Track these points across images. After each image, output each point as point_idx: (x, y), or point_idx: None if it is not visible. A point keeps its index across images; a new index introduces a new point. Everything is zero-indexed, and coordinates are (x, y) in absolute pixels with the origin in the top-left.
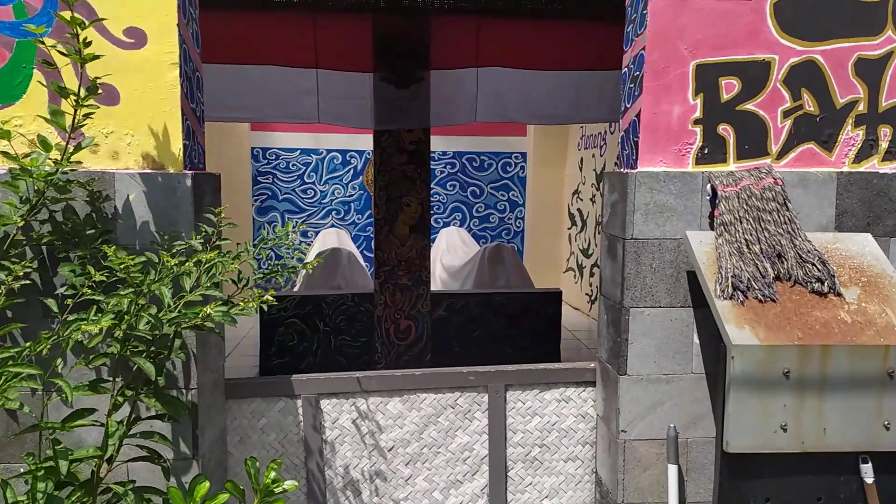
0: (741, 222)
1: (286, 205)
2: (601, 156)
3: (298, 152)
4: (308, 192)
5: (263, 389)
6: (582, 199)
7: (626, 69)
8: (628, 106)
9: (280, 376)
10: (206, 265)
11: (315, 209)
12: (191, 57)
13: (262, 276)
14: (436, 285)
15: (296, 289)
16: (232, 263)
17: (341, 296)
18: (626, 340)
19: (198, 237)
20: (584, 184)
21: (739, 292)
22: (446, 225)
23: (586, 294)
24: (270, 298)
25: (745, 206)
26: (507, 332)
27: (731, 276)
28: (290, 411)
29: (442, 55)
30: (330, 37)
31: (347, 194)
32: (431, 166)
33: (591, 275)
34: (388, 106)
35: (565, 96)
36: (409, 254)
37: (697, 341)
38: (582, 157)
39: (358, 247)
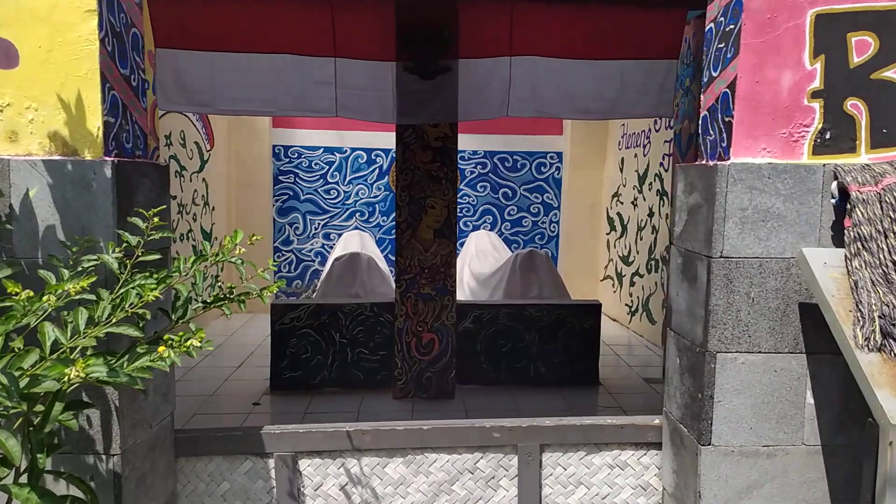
0: (886, 237)
1: (308, 205)
2: (644, 155)
3: (321, 150)
4: (331, 192)
5: (225, 445)
6: (622, 203)
7: (711, 24)
8: (715, 74)
9: (247, 428)
10: (118, 292)
11: (338, 210)
12: (122, 6)
13: (203, 305)
14: (463, 293)
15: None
16: (154, 289)
17: (359, 305)
18: (711, 398)
19: (116, 250)
20: (624, 186)
21: (892, 340)
22: (476, 228)
23: (626, 305)
24: (197, 343)
25: (891, 213)
26: (540, 348)
27: (879, 317)
28: (259, 474)
29: (471, 43)
30: (349, 22)
31: (372, 195)
32: (461, 166)
33: (632, 284)
34: (411, 98)
35: (607, 89)
36: (432, 260)
37: (812, 401)
38: (623, 158)
39: (382, 251)
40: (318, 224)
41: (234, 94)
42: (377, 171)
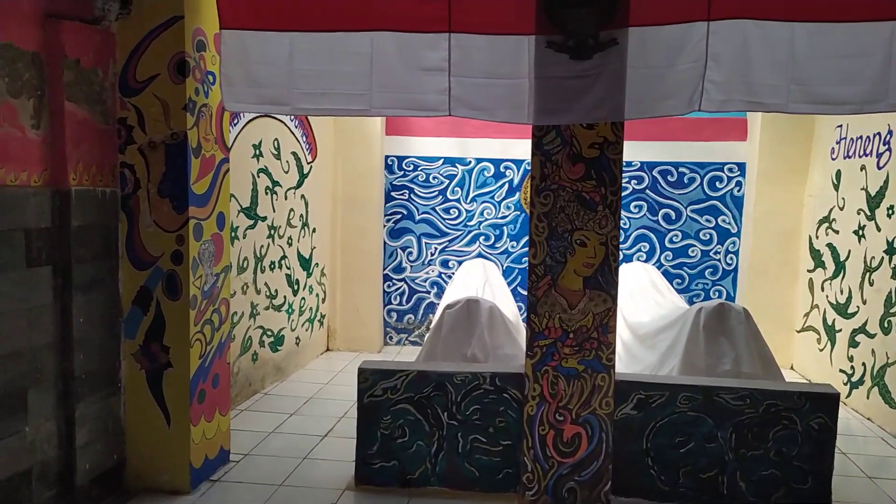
0: None
1: (424, 227)
2: (879, 167)
3: (441, 162)
4: (451, 211)
5: None
6: (837, 231)
7: None
8: None
9: None
10: None
11: (459, 233)
12: None
13: None
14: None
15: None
16: None
17: (475, 375)
18: None
19: None
20: (841, 209)
21: None
22: (627, 260)
23: (841, 371)
24: None
25: None
26: (740, 453)
27: None
28: None
29: (648, 3)
30: None
31: (499, 215)
32: None
33: (853, 344)
34: (557, 88)
35: (866, 65)
36: (581, 321)
37: None
38: (839, 170)
39: (509, 283)
40: (435, 249)
41: (316, 88)
42: (506, 186)
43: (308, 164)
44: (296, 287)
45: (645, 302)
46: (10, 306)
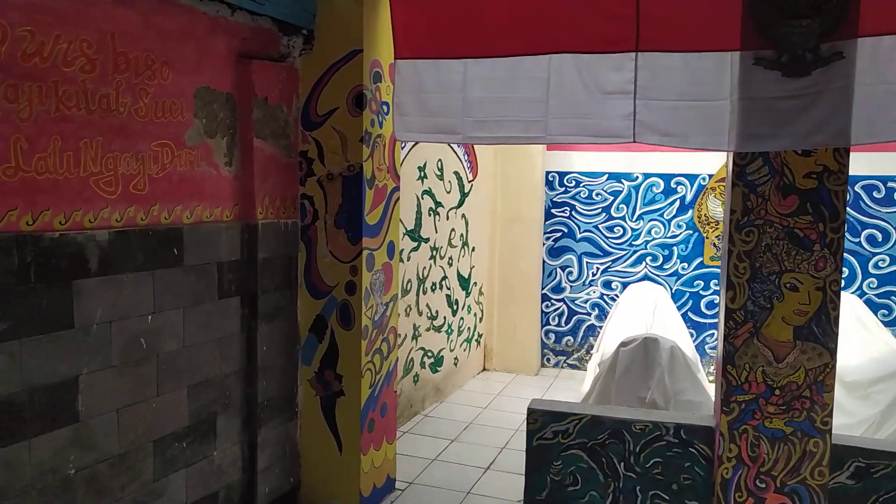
0: None
1: (585, 245)
2: None
3: (605, 177)
4: (615, 229)
5: None
6: None
7: None
8: None
9: None
10: None
11: (623, 252)
12: None
13: None
14: None
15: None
16: None
17: (657, 424)
18: None
19: None
20: None
21: None
22: None
23: None
24: None
25: None
26: None
27: None
28: None
29: (882, 8)
30: None
31: (669, 234)
32: None
33: None
34: (766, 109)
35: None
36: (790, 376)
37: None
38: None
39: (680, 309)
40: (597, 269)
41: (490, 115)
42: (677, 203)
43: (469, 182)
44: (455, 307)
45: (848, 341)
46: (204, 336)
